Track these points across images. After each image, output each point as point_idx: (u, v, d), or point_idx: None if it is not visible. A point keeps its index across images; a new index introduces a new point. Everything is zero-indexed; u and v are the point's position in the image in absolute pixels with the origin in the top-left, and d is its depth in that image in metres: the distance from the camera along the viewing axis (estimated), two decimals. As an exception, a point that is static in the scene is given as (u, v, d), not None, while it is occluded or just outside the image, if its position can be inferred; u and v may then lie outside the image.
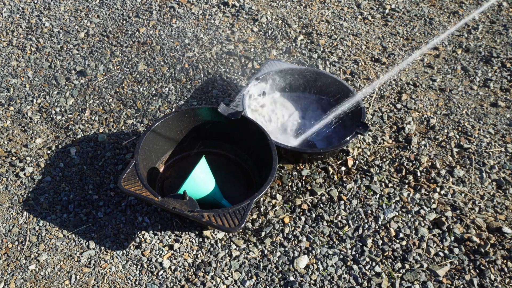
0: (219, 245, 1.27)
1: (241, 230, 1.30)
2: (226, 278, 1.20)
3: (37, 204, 1.36)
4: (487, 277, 1.20)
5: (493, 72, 1.85)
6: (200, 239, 1.28)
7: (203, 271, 1.21)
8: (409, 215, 1.34)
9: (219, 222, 1.12)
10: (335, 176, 1.44)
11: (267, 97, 1.60)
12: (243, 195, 1.37)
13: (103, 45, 1.93)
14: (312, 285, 1.18)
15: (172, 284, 1.18)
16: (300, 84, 1.64)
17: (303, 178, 1.43)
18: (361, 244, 1.27)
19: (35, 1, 2.17)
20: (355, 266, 1.22)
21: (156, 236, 1.28)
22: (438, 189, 1.40)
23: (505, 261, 1.23)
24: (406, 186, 1.42)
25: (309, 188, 1.40)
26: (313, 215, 1.34)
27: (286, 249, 1.26)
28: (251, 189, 1.37)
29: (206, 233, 1.28)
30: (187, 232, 1.29)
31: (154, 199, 1.15)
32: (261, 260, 1.24)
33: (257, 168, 1.40)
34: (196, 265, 1.22)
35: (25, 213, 1.34)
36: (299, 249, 1.26)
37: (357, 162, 1.48)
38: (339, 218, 1.33)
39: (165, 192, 1.37)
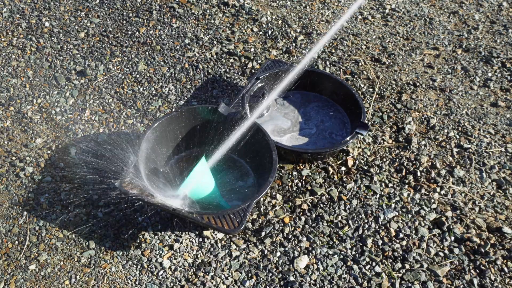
0: (219, 245, 1.27)
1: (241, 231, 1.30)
2: (226, 278, 1.20)
3: (37, 204, 1.36)
4: (487, 277, 1.20)
5: (493, 72, 1.85)
6: (200, 239, 1.28)
7: (203, 271, 1.21)
8: (409, 215, 1.34)
9: (218, 223, 1.12)
10: (335, 176, 1.44)
11: (267, 96, 1.60)
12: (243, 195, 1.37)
13: (103, 45, 1.93)
14: (312, 285, 1.18)
15: (172, 284, 1.18)
16: (299, 83, 1.64)
17: (303, 178, 1.43)
18: (361, 244, 1.27)
19: (35, 1, 2.17)
20: (355, 266, 1.22)
21: (156, 236, 1.28)
22: (438, 189, 1.40)
23: (505, 261, 1.23)
24: (406, 186, 1.42)
25: (309, 188, 1.40)
26: (313, 215, 1.34)
27: (286, 249, 1.26)
28: (251, 190, 1.37)
29: (206, 233, 1.28)
30: (187, 232, 1.29)
31: (154, 200, 1.15)
32: (261, 260, 1.24)
33: (257, 168, 1.40)
34: (196, 265, 1.22)
35: (25, 213, 1.34)
36: (299, 249, 1.26)
37: (357, 162, 1.48)
38: (339, 218, 1.33)
39: (165, 193, 1.37)
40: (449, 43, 2.01)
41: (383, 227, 1.31)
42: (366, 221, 1.32)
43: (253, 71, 1.81)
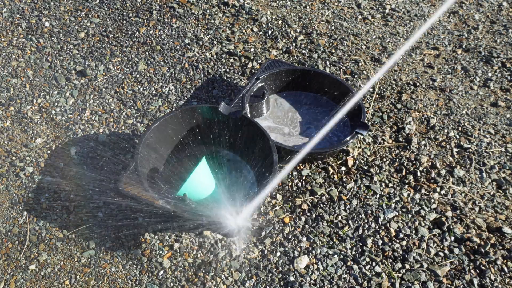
0: (219, 245, 1.27)
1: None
2: (226, 278, 1.20)
3: (37, 204, 1.36)
4: (487, 277, 1.20)
5: (493, 72, 1.85)
6: (200, 239, 1.28)
7: (203, 271, 1.21)
8: (409, 215, 1.34)
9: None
10: (335, 176, 1.44)
11: (267, 97, 1.60)
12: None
13: (103, 45, 1.93)
14: (312, 285, 1.18)
15: (172, 284, 1.18)
16: (300, 83, 1.64)
17: (303, 178, 1.43)
18: (361, 244, 1.27)
19: (35, 1, 2.17)
20: (355, 266, 1.22)
21: (156, 236, 1.28)
22: (438, 189, 1.40)
23: (505, 261, 1.23)
24: (406, 186, 1.42)
25: (309, 188, 1.40)
26: (313, 215, 1.34)
27: (286, 249, 1.26)
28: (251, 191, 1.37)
29: (206, 233, 1.28)
30: (187, 232, 1.29)
31: (154, 202, 1.15)
32: (261, 260, 1.24)
33: (257, 169, 1.40)
34: (196, 265, 1.22)
35: (25, 213, 1.34)
36: (299, 249, 1.26)
37: (357, 162, 1.48)
38: (339, 218, 1.33)
39: (165, 194, 1.37)
40: (449, 43, 2.01)
41: (383, 227, 1.31)
42: (366, 221, 1.32)
43: (253, 71, 1.81)
